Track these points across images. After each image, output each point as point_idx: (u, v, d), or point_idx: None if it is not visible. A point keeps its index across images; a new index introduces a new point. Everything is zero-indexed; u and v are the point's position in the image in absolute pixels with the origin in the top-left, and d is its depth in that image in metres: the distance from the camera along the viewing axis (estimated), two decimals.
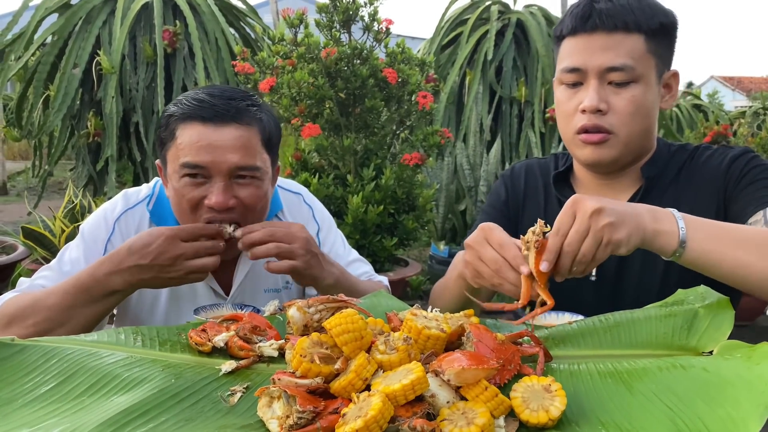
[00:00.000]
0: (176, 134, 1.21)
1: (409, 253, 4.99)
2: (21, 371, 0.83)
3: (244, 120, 1.21)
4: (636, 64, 1.19)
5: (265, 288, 1.41)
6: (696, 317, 0.87)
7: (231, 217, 1.21)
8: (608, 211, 0.93)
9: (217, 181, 1.19)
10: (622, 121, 1.21)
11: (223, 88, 1.26)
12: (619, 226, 0.93)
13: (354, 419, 0.66)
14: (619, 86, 1.20)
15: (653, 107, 1.24)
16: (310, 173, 3.63)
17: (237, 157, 1.19)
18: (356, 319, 0.80)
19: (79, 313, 1.15)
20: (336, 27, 3.71)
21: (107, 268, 1.15)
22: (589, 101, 1.20)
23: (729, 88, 30.23)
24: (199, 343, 0.91)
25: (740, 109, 9.71)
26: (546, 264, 0.93)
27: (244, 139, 1.20)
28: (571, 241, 0.93)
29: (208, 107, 1.19)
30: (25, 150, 11.63)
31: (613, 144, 1.23)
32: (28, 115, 5.51)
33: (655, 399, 0.72)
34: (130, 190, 1.40)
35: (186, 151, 1.19)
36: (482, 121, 5.88)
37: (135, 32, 5.35)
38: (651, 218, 0.97)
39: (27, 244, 3.97)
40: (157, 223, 1.34)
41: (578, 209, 0.94)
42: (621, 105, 1.20)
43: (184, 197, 1.21)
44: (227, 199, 1.19)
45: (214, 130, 1.18)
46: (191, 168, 1.19)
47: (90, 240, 1.33)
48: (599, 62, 1.19)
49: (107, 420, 0.70)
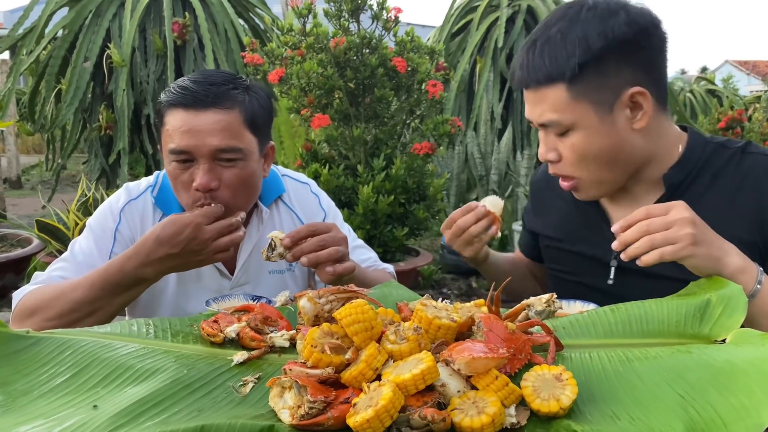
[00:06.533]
0: (165, 121, 1.27)
1: (420, 243, 4.99)
2: (36, 363, 0.84)
3: (224, 104, 1.25)
4: (561, 117, 1.13)
5: (269, 269, 1.44)
6: (708, 305, 0.87)
7: (217, 196, 1.25)
8: (700, 226, 0.99)
9: (201, 163, 1.24)
10: (576, 166, 1.17)
11: (207, 74, 1.31)
12: (701, 243, 0.98)
13: (365, 409, 0.67)
14: (561, 135, 1.16)
15: (609, 142, 1.13)
16: (321, 164, 3.63)
17: (217, 140, 1.23)
18: (366, 310, 0.80)
19: (107, 304, 1.20)
20: (344, 16, 3.69)
21: (136, 262, 1.18)
22: (539, 152, 1.20)
23: (744, 73, 29.85)
24: (211, 334, 0.91)
25: (755, 94, 9.59)
26: (618, 227, 1.00)
27: (224, 123, 1.24)
28: (652, 222, 0.98)
29: (190, 94, 1.25)
30: (38, 144, 11.72)
31: (584, 187, 1.20)
32: (41, 109, 5.55)
33: (667, 387, 0.72)
34: (131, 183, 1.45)
35: (172, 137, 1.24)
36: (493, 109, 5.85)
37: (145, 25, 5.36)
38: (739, 263, 1.00)
39: (41, 237, 4.02)
40: (162, 208, 1.39)
41: (674, 209, 0.99)
42: (566, 153, 1.17)
43: (177, 180, 1.27)
44: (210, 181, 1.24)
45: (195, 116, 1.24)
46: (177, 154, 1.24)
47: (99, 231, 1.37)
48: (533, 118, 1.18)
49: (121, 411, 0.71)
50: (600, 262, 1.26)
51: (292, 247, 1.19)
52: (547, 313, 0.96)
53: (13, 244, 4.43)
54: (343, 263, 1.22)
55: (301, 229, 1.21)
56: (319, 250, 1.19)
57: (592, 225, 1.29)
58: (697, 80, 9.31)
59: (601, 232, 1.26)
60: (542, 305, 0.96)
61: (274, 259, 1.19)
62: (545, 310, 0.96)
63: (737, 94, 9.25)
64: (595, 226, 1.28)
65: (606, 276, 1.25)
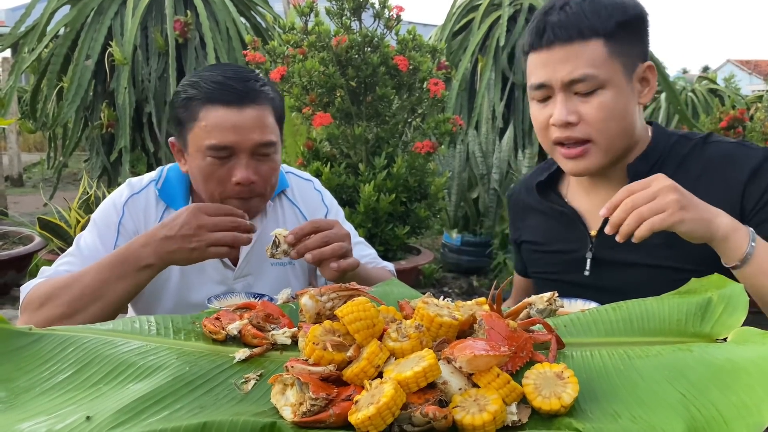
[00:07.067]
0: (199, 116, 1.29)
1: (422, 242, 4.99)
2: (38, 360, 0.84)
3: (260, 100, 1.31)
4: (598, 72, 1.15)
5: (272, 262, 1.46)
6: (710, 304, 0.87)
7: (255, 188, 1.32)
8: (683, 192, 1.01)
9: (241, 158, 1.29)
10: (597, 128, 1.18)
11: (235, 69, 1.34)
12: (688, 207, 1.00)
13: (367, 406, 0.67)
14: (587, 95, 1.16)
15: (627, 107, 1.19)
16: (322, 162, 3.63)
17: (258, 135, 1.29)
18: (368, 307, 0.80)
19: (112, 289, 1.21)
20: (346, 15, 3.69)
21: (141, 241, 1.22)
22: (557, 116, 1.18)
23: (746, 72, 29.82)
24: (213, 332, 0.92)
25: (757, 93, 9.57)
26: (605, 210, 1.02)
27: (262, 118, 1.30)
28: (636, 197, 1.00)
29: (230, 90, 1.28)
30: (40, 142, 11.73)
31: (593, 153, 1.21)
32: (43, 107, 5.55)
33: (668, 386, 0.72)
34: (134, 179, 1.48)
35: (212, 134, 1.27)
36: (495, 108, 5.84)
37: (146, 23, 5.35)
38: (729, 223, 1.04)
39: (43, 235, 4.02)
40: (166, 200, 1.42)
41: (655, 181, 1.02)
42: (591, 113, 1.17)
43: (212, 175, 1.30)
44: (251, 174, 1.30)
45: (237, 112, 1.28)
46: (218, 149, 1.28)
47: (103, 225, 1.39)
48: (560, 75, 1.16)
49: (123, 407, 0.71)
50: (576, 256, 1.31)
51: (295, 244, 1.20)
52: (549, 311, 0.96)
53: (15, 241, 4.44)
54: (347, 259, 1.23)
55: (304, 226, 1.22)
56: (323, 246, 1.20)
57: (565, 223, 1.35)
58: (699, 80, 9.29)
59: (574, 227, 1.32)
60: (543, 304, 0.96)
61: (279, 256, 1.20)
62: (546, 309, 0.96)
63: (739, 93, 9.23)
64: (568, 224, 1.34)
65: (582, 269, 1.30)
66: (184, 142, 1.34)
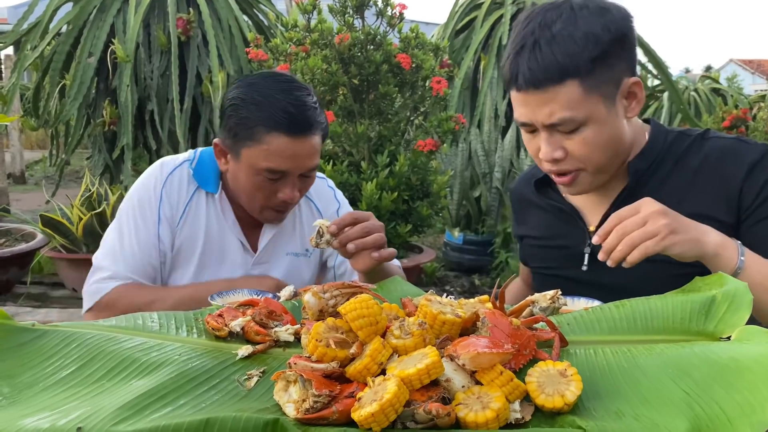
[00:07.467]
0: (260, 139, 1.36)
1: (424, 240, 4.99)
2: (41, 356, 0.84)
3: (317, 130, 1.40)
4: (576, 113, 1.13)
5: (287, 251, 1.56)
6: (713, 303, 0.86)
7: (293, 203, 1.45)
8: (672, 214, 1.03)
9: (290, 179, 1.40)
10: (583, 159, 1.18)
11: (297, 96, 1.38)
12: (678, 230, 1.02)
13: (370, 403, 0.67)
14: (570, 132, 1.16)
15: (612, 134, 1.18)
16: (324, 160, 3.63)
17: (310, 162, 1.40)
18: (371, 304, 0.80)
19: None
20: (349, 12, 3.68)
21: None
22: (543, 154, 1.19)
23: (748, 72, 29.76)
24: (215, 328, 0.92)
25: (760, 93, 9.55)
26: (597, 238, 1.04)
27: (316, 146, 1.40)
28: (627, 223, 1.02)
29: (295, 123, 1.35)
30: (42, 139, 11.73)
31: (584, 178, 1.22)
32: (45, 105, 5.55)
33: (671, 384, 0.72)
34: (167, 158, 1.53)
35: (272, 159, 1.36)
36: (497, 106, 5.83)
37: (149, 20, 5.35)
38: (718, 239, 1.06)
39: (45, 232, 4.03)
40: (198, 180, 1.49)
41: (644, 206, 1.03)
42: (576, 149, 1.17)
43: (260, 190, 1.41)
44: (296, 194, 1.42)
45: (298, 142, 1.36)
46: (275, 173, 1.38)
47: (147, 209, 1.46)
48: (540, 119, 1.15)
49: (126, 404, 0.71)
50: (575, 251, 1.33)
51: (337, 233, 1.24)
52: (552, 309, 0.96)
53: (18, 238, 4.45)
54: (387, 249, 1.28)
55: (345, 217, 1.27)
56: (364, 236, 1.25)
57: (564, 219, 1.37)
58: (702, 79, 9.26)
59: (574, 223, 1.34)
60: (547, 301, 0.96)
61: (323, 245, 1.24)
62: (550, 307, 0.96)
63: (742, 93, 9.19)
64: (567, 220, 1.36)
65: (581, 264, 1.32)
66: (237, 153, 1.40)
